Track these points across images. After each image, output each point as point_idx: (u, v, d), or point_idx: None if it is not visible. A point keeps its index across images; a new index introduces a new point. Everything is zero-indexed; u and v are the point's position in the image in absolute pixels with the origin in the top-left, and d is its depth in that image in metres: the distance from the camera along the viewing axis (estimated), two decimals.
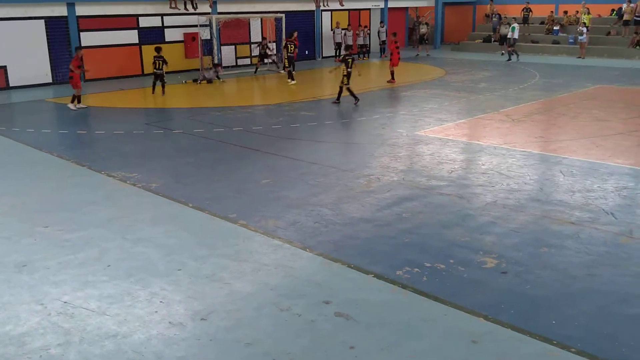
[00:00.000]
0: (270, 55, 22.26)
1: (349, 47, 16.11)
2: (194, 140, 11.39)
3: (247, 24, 23.39)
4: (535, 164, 9.49)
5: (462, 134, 11.80)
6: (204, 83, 19.28)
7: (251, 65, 23.01)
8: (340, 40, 25.57)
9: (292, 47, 19.12)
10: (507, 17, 28.40)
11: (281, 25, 22.26)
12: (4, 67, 17.95)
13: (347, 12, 27.77)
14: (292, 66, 19.07)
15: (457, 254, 6.05)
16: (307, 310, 4.97)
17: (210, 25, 20.95)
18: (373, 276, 5.59)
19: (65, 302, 5.14)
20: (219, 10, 22.13)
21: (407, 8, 32.27)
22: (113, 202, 7.85)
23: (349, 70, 14.93)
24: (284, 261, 5.92)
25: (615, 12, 28.40)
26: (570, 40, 27.28)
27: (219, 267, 5.79)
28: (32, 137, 11.70)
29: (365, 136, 11.65)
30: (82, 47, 15.49)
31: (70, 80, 14.83)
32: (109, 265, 5.88)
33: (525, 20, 29.29)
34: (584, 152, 10.01)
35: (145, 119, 14.01)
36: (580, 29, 25.61)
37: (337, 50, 26.01)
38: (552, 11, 30.00)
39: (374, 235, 6.60)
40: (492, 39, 29.83)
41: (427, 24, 29.49)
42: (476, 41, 30.91)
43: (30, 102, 16.11)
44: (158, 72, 16.87)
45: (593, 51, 25.97)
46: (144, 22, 20.71)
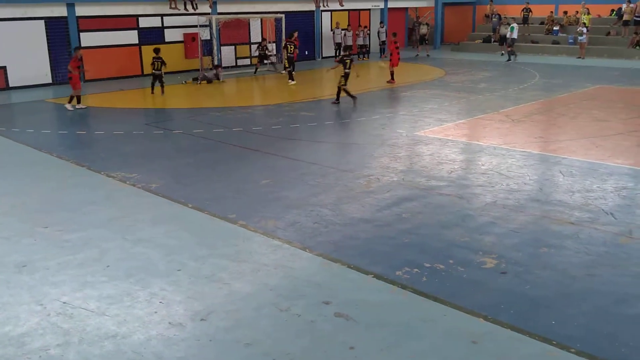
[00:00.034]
0: (269, 56, 22.25)
1: (347, 48, 16.12)
2: (194, 141, 11.39)
3: (247, 25, 23.40)
4: (535, 164, 9.49)
5: (461, 134, 11.80)
6: (203, 83, 19.29)
7: (251, 65, 23.02)
8: (340, 41, 25.56)
9: (291, 47, 19.11)
10: (507, 17, 28.43)
11: (281, 25, 22.27)
12: (3, 68, 17.96)
13: (346, 12, 27.77)
14: (292, 67, 19.08)
15: (456, 254, 6.05)
16: (307, 310, 4.97)
17: (210, 26, 20.96)
18: (373, 276, 5.59)
19: (64, 303, 5.14)
20: (218, 11, 22.13)
21: (407, 8, 32.28)
22: (113, 202, 7.86)
23: (346, 71, 14.93)
24: (283, 261, 5.92)
25: (614, 13, 28.41)
26: (570, 41, 27.29)
27: (218, 268, 5.79)
28: (32, 138, 11.71)
29: (364, 136, 11.65)
30: (80, 47, 15.48)
31: (70, 81, 14.83)
32: (108, 266, 5.88)
33: (525, 20, 29.30)
34: (583, 153, 10.01)
35: (145, 120, 14.01)
36: (580, 29, 25.61)
37: (337, 51, 26.00)
38: (551, 11, 30.01)
39: (374, 235, 6.60)
40: (492, 40, 29.84)
41: (427, 25, 29.50)
42: (476, 41, 30.91)
43: (30, 102, 16.11)
44: (157, 72, 16.89)
45: (593, 51, 25.98)
46: (144, 23, 20.72)
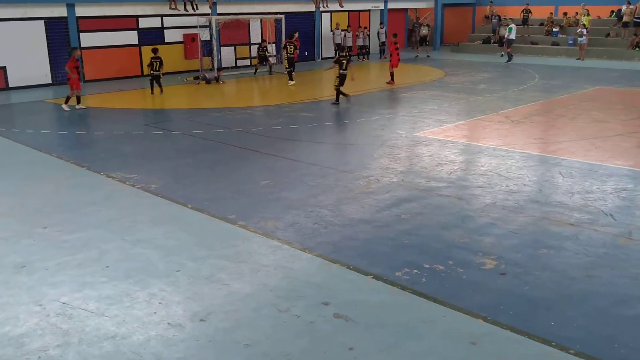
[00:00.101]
0: (269, 56, 22.23)
1: (344, 49, 16.16)
2: (194, 141, 11.39)
3: (247, 25, 23.41)
4: (535, 165, 9.49)
5: (461, 135, 11.80)
6: (202, 83, 19.32)
7: (251, 66, 23.03)
8: (340, 42, 25.54)
9: (291, 48, 19.12)
10: (506, 18, 28.45)
11: (281, 26, 22.28)
12: (3, 68, 17.96)
13: (346, 13, 27.77)
14: (292, 67, 19.08)
15: (456, 255, 6.05)
16: (306, 311, 4.97)
17: (209, 26, 20.96)
18: (372, 277, 5.59)
19: (64, 303, 5.13)
20: (218, 11, 22.13)
21: (407, 9, 32.30)
22: (112, 202, 7.85)
23: (341, 72, 14.93)
24: (283, 262, 5.92)
25: (614, 14, 28.44)
26: (570, 42, 27.31)
27: (218, 268, 5.79)
28: (32, 138, 11.70)
29: (364, 137, 11.65)
30: (77, 48, 15.43)
31: (68, 81, 14.82)
32: (107, 266, 5.87)
33: (524, 21, 29.33)
34: (583, 154, 10.01)
35: (145, 120, 14.01)
36: (579, 30, 25.64)
37: (337, 52, 26.01)
38: (551, 12, 30.03)
39: (373, 236, 6.60)
40: (492, 41, 29.85)
41: (428, 26, 29.52)
42: (475, 42, 30.93)
43: (30, 102, 16.11)
44: (155, 73, 16.89)
45: (592, 53, 26.00)
46: (144, 23, 20.72)
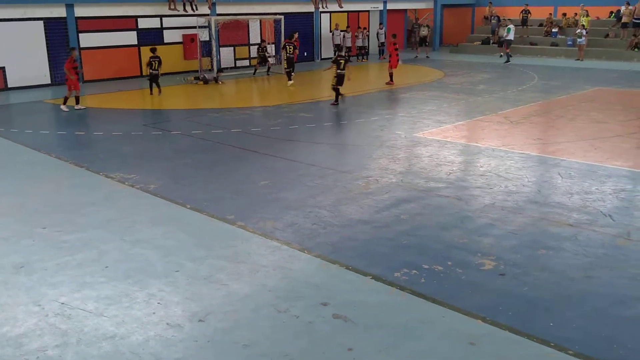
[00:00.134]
0: (268, 57, 22.22)
1: (342, 49, 16.22)
2: (192, 142, 11.38)
3: (246, 26, 23.40)
4: (534, 166, 9.50)
5: (460, 136, 11.81)
6: (200, 84, 19.32)
7: (250, 66, 23.03)
8: (339, 42, 25.54)
9: (290, 48, 19.13)
10: (505, 19, 28.46)
11: (280, 27, 22.27)
12: (2, 68, 17.93)
13: (346, 13, 27.78)
14: (292, 67, 19.08)
15: (455, 255, 6.05)
16: (305, 311, 4.97)
17: (209, 27, 20.96)
18: (371, 278, 5.59)
19: (62, 304, 5.13)
20: (217, 12, 22.13)
21: (406, 10, 32.31)
22: (111, 203, 7.85)
23: (339, 72, 14.94)
24: (282, 263, 5.92)
25: (613, 15, 28.46)
26: (569, 43, 27.33)
27: (216, 269, 5.79)
28: (31, 138, 11.70)
29: (363, 138, 11.65)
30: (74, 48, 15.41)
31: (67, 82, 14.81)
32: (106, 267, 5.87)
33: (523, 22, 29.35)
34: (582, 154, 10.02)
35: (144, 120, 14.01)
36: (578, 31, 25.66)
37: (336, 52, 25.99)
38: (550, 13, 30.05)
39: (372, 236, 6.60)
40: (491, 41, 29.86)
41: (428, 27, 29.54)
42: (475, 43, 30.93)
43: (29, 103, 16.09)
44: (154, 72, 16.88)
45: (591, 53, 26.02)
46: (143, 24, 20.71)
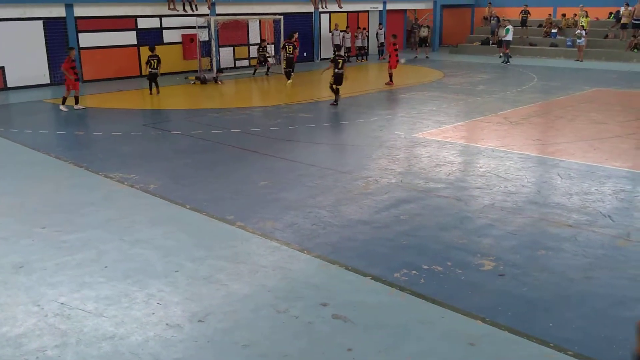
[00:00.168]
0: (268, 57, 22.21)
1: (340, 48, 16.24)
2: (192, 142, 11.38)
3: (246, 26, 23.40)
4: (533, 166, 9.50)
5: (460, 136, 11.81)
6: (197, 84, 19.33)
7: (249, 67, 23.02)
8: (339, 42, 25.50)
9: (290, 48, 19.13)
10: (504, 19, 28.47)
11: (280, 27, 22.27)
12: (2, 68, 17.91)
13: (345, 14, 27.77)
14: (291, 67, 19.08)
15: (454, 256, 6.05)
16: (305, 312, 4.97)
17: (208, 27, 20.96)
18: (371, 278, 5.59)
19: (62, 304, 5.13)
20: (217, 12, 22.13)
21: (406, 10, 32.31)
22: (111, 203, 7.84)
23: (336, 71, 14.94)
24: (281, 263, 5.92)
25: (613, 15, 28.48)
26: (568, 43, 27.35)
27: (216, 269, 5.78)
28: (30, 138, 11.69)
29: (363, 138, 11.66)
30: (72, 48, 15.40)
31: (65, 82, 14.78)
32: (106, 267, 5.87)
33: (523, 22, 29.36)
34: (581, 155, 10.03)
35: (143, 120, 14.00)
36: (578, 32, 25.67)
37: (335, 52, 25.99)
38: (550, 14, 30.07)
39: (372, 237, 6.60)
40: (491, 42, 29.87)
41: (428, 27, 29.54)
42: (474, 44, 30.95)
43: (28, 102, 16.08)
44: (153, 71, 16.86)
45: (591, 54, 26.04)
46: (142, 24, 20.69)
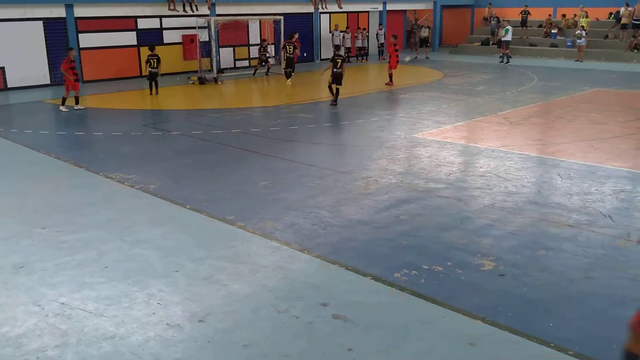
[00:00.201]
0: (268, 57, 22.22)
1: (339, 48, 16.29)
2: (192, 142, 11.38)
3: (246, 26, 23.41)
4: (533, 166, 9.50)
5: (460, 136, 11.81)
6: (196, 84, 19.33)
7: (250, 67, 23.03)
8: (339, 43, 25.51)
9: (290, 48, 19.13)
10: (505, 20, 28.48)
11: (280, 27, 22.28)
12: (2, 68, 17.93)
13: (345, 14, 27.78)
14: (291, 67, 19.08)
15: (454, 256, 6.05)
16: (305, 312, 4.97)
17: (208, 27, 20.97)
18: (371, 278, 5.59)
19: (62, 304, 5.13)
20: (217, 13, 22.14)
21: (406, 11, 32.32)
22: (111, 203, 7.85)
23: (335, 71, 14.95)
24: (281, 263, 5.92)
25: (613, 16, 28.49)
26: (568, 44, 27.35)
27: (216, 269, 5.79)
28: (30, 138, 11.69)
29: (363, 138, 11.66)
30: (72, 48, 15.41)
31: (65, 83, 14.78)
32: (106, 267, 5.87)
33: (523, 23, 29.37)
34: (581, 155, 10.03)
35: (143, 121, 14.01)
36: (578, 32, 25.68)
37: (335, 52, 26.00)
38: (550, 14, 30.09)
39: (372, 237, 6.60)
40: (490, 42, 29.88)
41: (428, 28, 29.54)
42: (474, 44, 30.96)
43: (29, 103, 16.09)
44: (153, 70, 16.86)
45: (591, 54, 26.05)
46: (143, 24, 20.70)
